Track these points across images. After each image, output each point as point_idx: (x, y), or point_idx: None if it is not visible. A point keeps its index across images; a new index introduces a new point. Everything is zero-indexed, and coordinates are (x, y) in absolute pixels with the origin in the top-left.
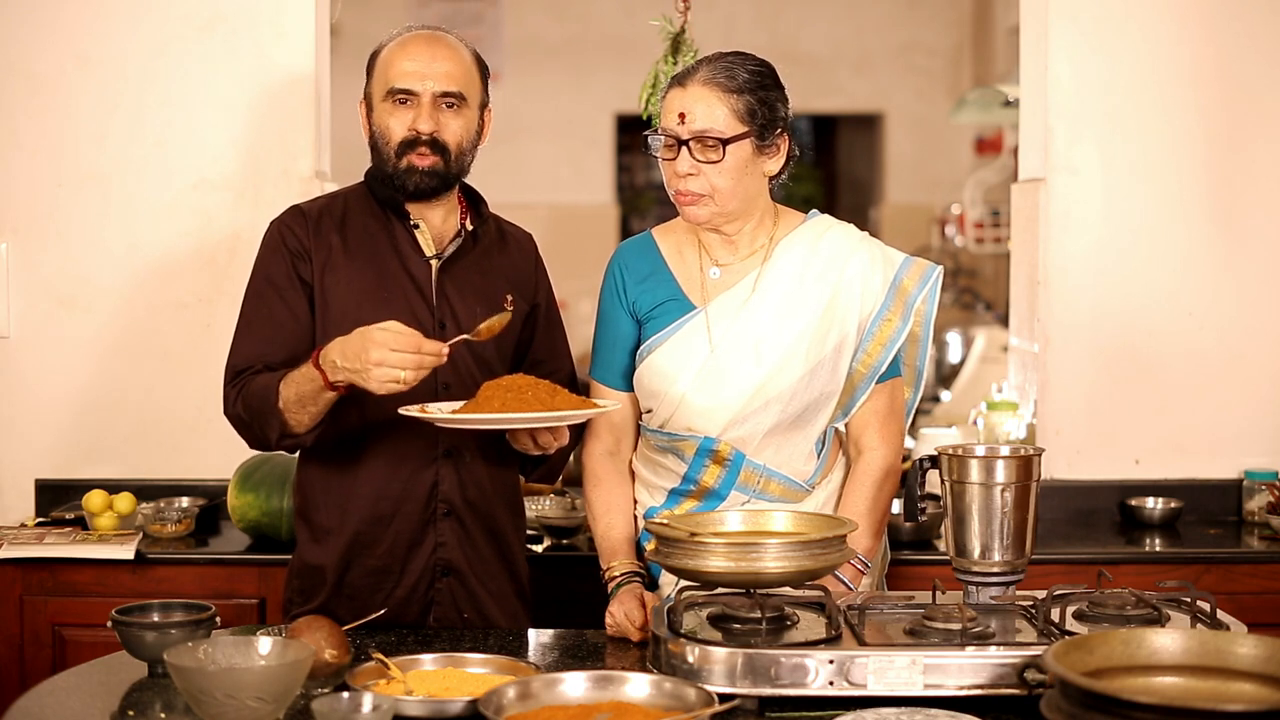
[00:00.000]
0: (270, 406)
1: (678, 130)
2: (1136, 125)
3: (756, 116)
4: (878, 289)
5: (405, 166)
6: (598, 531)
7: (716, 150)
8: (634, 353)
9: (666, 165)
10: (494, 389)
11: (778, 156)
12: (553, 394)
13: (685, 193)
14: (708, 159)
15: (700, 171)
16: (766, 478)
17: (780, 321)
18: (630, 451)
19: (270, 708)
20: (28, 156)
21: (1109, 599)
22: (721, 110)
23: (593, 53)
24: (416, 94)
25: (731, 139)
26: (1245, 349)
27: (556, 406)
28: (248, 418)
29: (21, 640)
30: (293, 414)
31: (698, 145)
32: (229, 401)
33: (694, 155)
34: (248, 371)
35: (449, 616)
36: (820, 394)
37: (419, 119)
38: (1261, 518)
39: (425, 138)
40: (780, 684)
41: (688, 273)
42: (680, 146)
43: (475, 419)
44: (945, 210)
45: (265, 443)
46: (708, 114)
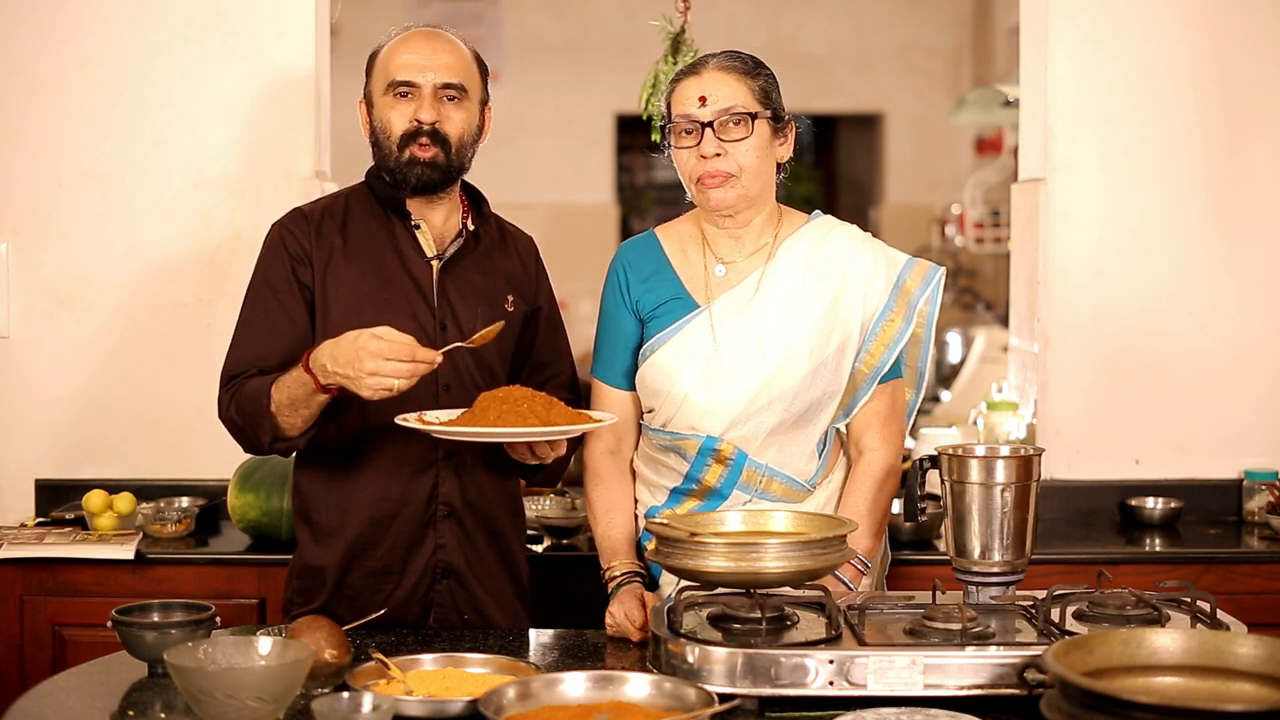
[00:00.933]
0: (262, 409)
1: (699, 114)
2: (1136, 125)
3: (771, 99)
4: (880, 290)
5: (407, 159)
6: (598, 531)
7: (744, 125)
8: (636, 352)
9: (688, 153)
10: (490, 400)
11: (788, 143)
12: (548, 407)
13: (714, 173)
14: (733, 137)
15: (726, 151)
16: (769, 477)
17: (784, 321)
18: (631, 450)
19: (270, 708)
20: (28, 156)
21: (1109, 599)
22: (742, 88)
23: (593, 53)
24: (418, 85)
25: (756, 114)
26: (1245, 349)
27: (552, 421)
28: (241, 422)
29: (21, 640)
30: (285, 417)
31: (722, 125)
32: (223, 405)
33: (719, 135)
34: (241, 376)
35: (449, 618)
36: (823, 394)
37: (421, 109)
38: (1261, 518)
39: (427, 128)
40: (780, 684)
41: (691, 271)
42: (703, 130)
43: (470, 432)
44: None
45: (259, 446)
46: (731, 93)
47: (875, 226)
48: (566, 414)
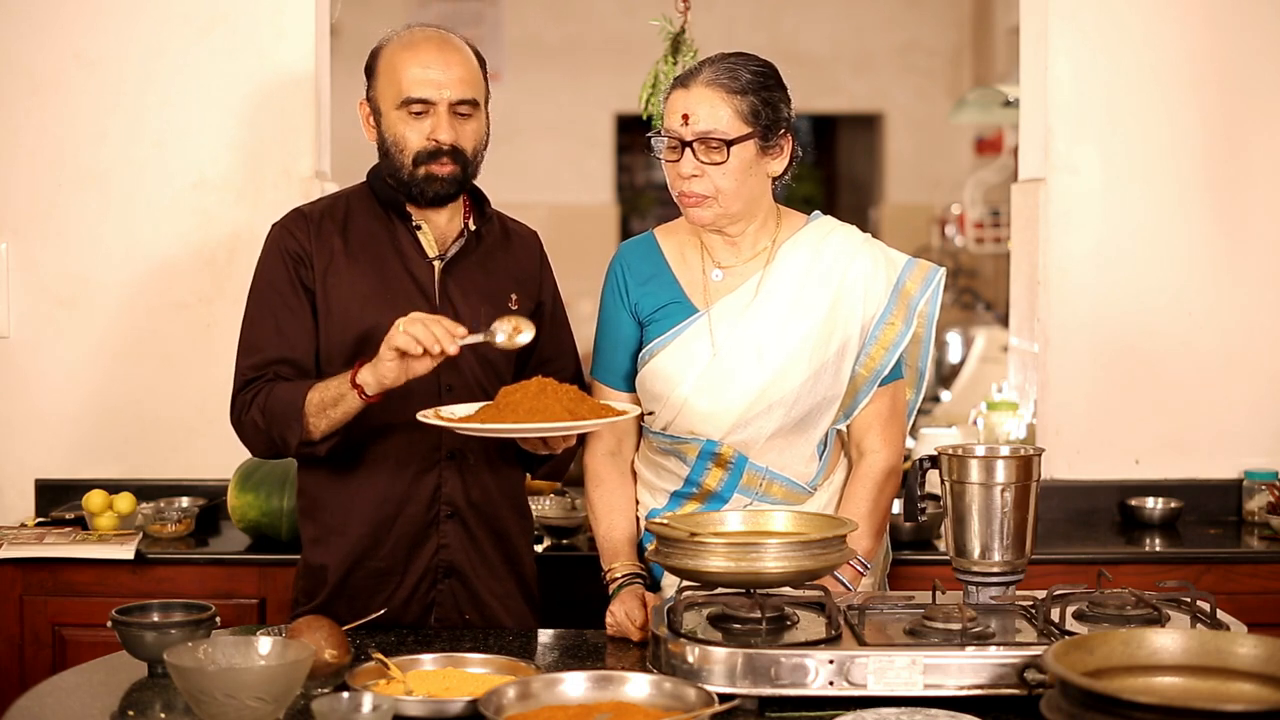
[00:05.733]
0: (295, 411)
1: (681, 131)
2: (1136, 125)
3: (760, 117)
4: (880, 292)
5: (424, 175)
6: (599, 532)
7: (720, 151)
8: (636, 355)
9: (670, 167)
10: (519, 395)
11: (781, 158)
12: (576, 401)
13: (689, 194)
14: (711, 160)
15: (704, 173)
16: (769, 480)
17: (783, 325)
18: (632, 452)
19: (270, 708)
20: (28, 156)
21: (1109, 599)
22: (725, 111)
23: (593, 53)
24: (433, 103)
25: (735, 140)
26: (1245, 349)
27: (581, 415)
28: (265, 423)
29: (21, 640)
30: (313, 418)
31: (701, 146)
32: (241, 408)
33: (698, 156)
34: (260, 379)
35: (450, 618)
36: (823, 398)
37: (438, 129)
38: (1261, 518)
39: (446, 148)
40: (780, 684)
41: (690, 275)
42: (684, 148)
43: (496, 429)
44: (945, 210)
45: (282, 448)
46: (711, 115)
47: (875, 227)
48: (595, 408)
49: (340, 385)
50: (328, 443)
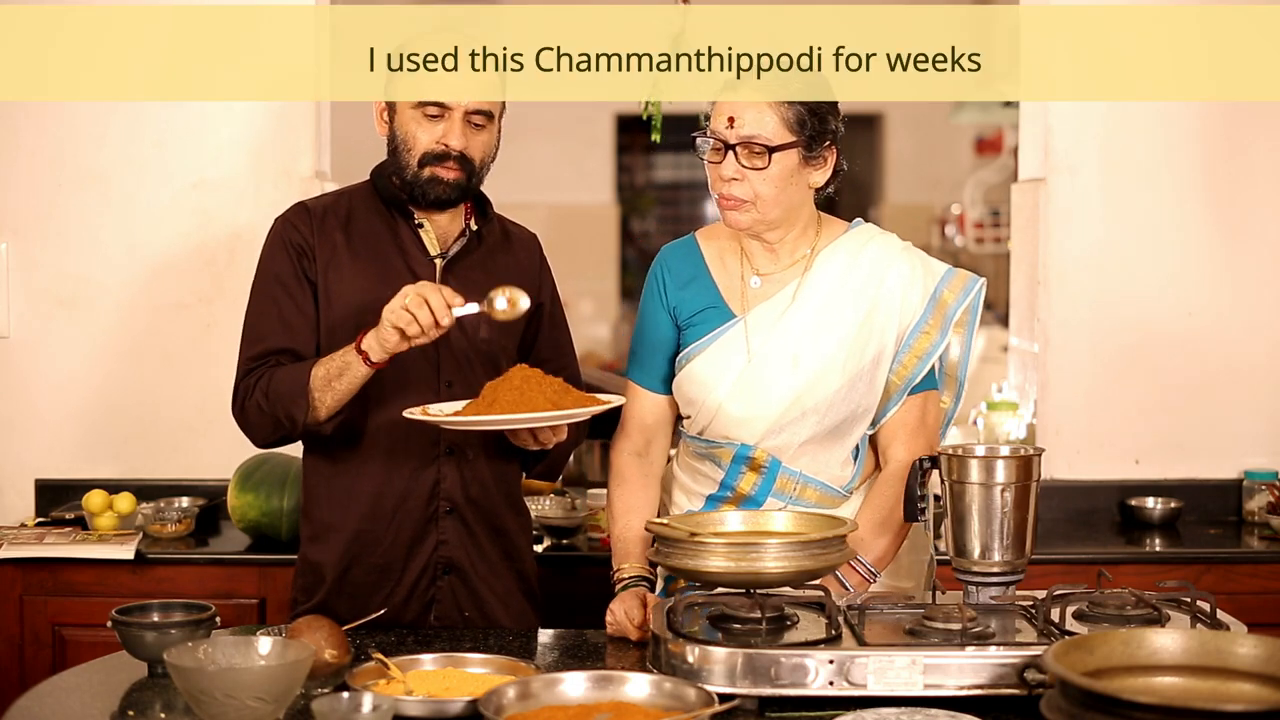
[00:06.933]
0: (301, 387)
1: (725, 134)
2: (1137, 125)
3: (806, 127)
4: (916, 302)
5: (428, 177)
6: (614, 531)
7: (763, 157)
8: (673, 357)
9: (712, 169)
10: (503, 387)
11: (824, 169)
12: (560, 392)
13: (729, 197)
14: (753, 165)
15: (745, 177)
16: (803, 484)
17: (818, 333)
18: (661, 455)
19: (270, 708)
20: (28, 156)
21: (1109, 599)
22: (771, 118)
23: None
24: (450, 109)
25: (778, 147)
26: (1245, 349)
27: (563, 405)
28: (269, 405)
29: (21, 640)
30: (318, 393)
31: (744, 151)
32: (243, 393)
33: (740, 160)
34: (262, 366)
35: (450, 615)
36: (858, 406)
37: (450, 134)
38: (1261, 518)
39: (455, 153)
40: (780, 684)
41: (729, 280)
42: (727, 151)
43: (477, 421)
44: (945, 210)
45: (289, 428)
46: (757, 120)
47: None
48: (578, 397)
49: (345, 354)
50: (333, 421)
